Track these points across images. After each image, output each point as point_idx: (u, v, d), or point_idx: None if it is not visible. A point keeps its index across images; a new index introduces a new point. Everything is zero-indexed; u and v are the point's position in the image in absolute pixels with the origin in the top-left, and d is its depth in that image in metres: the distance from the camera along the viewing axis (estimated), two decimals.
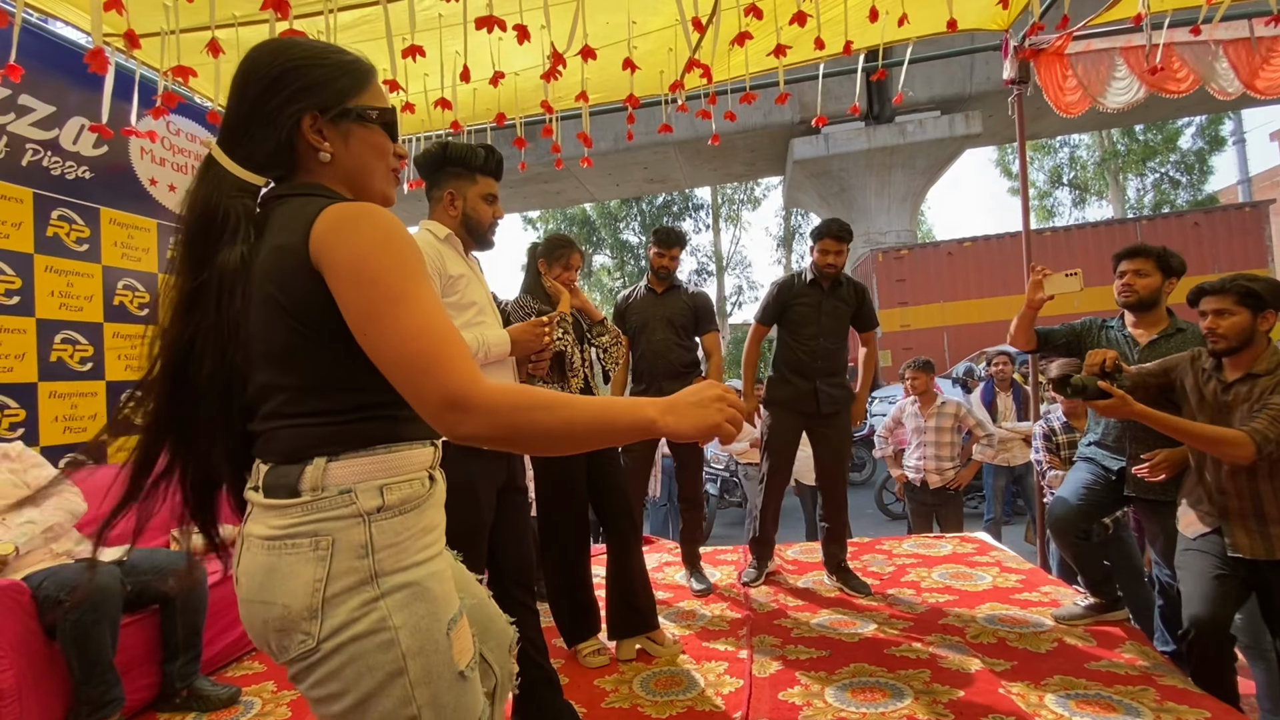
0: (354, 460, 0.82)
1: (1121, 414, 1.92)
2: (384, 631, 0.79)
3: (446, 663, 0.82)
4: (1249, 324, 1.88)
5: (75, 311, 2.79)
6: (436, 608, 0.83)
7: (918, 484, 4.01)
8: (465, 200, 1.76)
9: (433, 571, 0.85)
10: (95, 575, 1.96)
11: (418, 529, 0.85)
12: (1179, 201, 21.11)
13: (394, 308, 0.76)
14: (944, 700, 1.96)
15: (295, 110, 0.84)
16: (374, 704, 0.78)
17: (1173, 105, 12.67)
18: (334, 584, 0.78)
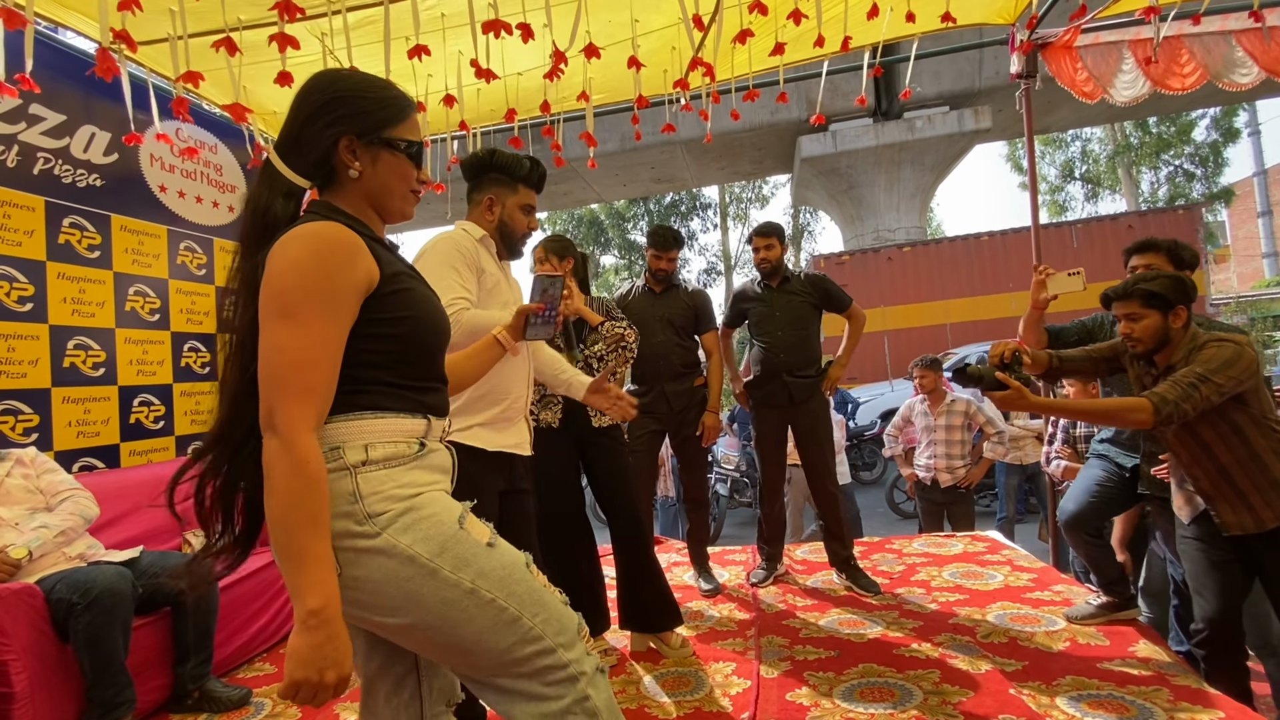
0: (341, 423, 0.95)
1: (1018, 406, 1.89)
2: (396, 554, 0.92)
3: (473, 543, 0.97)
4: (1161, 324, 1.88)
5: (87, 318, 2.83)
6: (438, 515, 0.96)
7: (928, 483, 3.98)
8: (504, 207, 1.81)
9: (426, 500, 0.97)
10: (107, 578, 1.99)
11: (404, 481, 0.96)
12: (1194, 194, 20.83)
13: (276, 321, 0.89)
14: (953, 701, 1.94)
15: (335, 132, 0.98)
16: (426, 601, 0.92)
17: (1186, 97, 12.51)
18: (336, 522, 0.90)
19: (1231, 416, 1.81)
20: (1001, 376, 1.88)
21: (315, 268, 0.90)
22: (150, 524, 2.72)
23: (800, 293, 3.11)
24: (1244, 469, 1.81)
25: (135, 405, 3.01)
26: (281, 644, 2.75)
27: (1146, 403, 1.75)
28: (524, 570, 1.00)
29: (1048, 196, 22.57)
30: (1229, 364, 1.75)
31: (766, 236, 3.12)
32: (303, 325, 0.88)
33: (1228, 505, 1.84)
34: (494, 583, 0.95)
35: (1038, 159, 21.97)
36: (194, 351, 3.32)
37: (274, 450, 0.86)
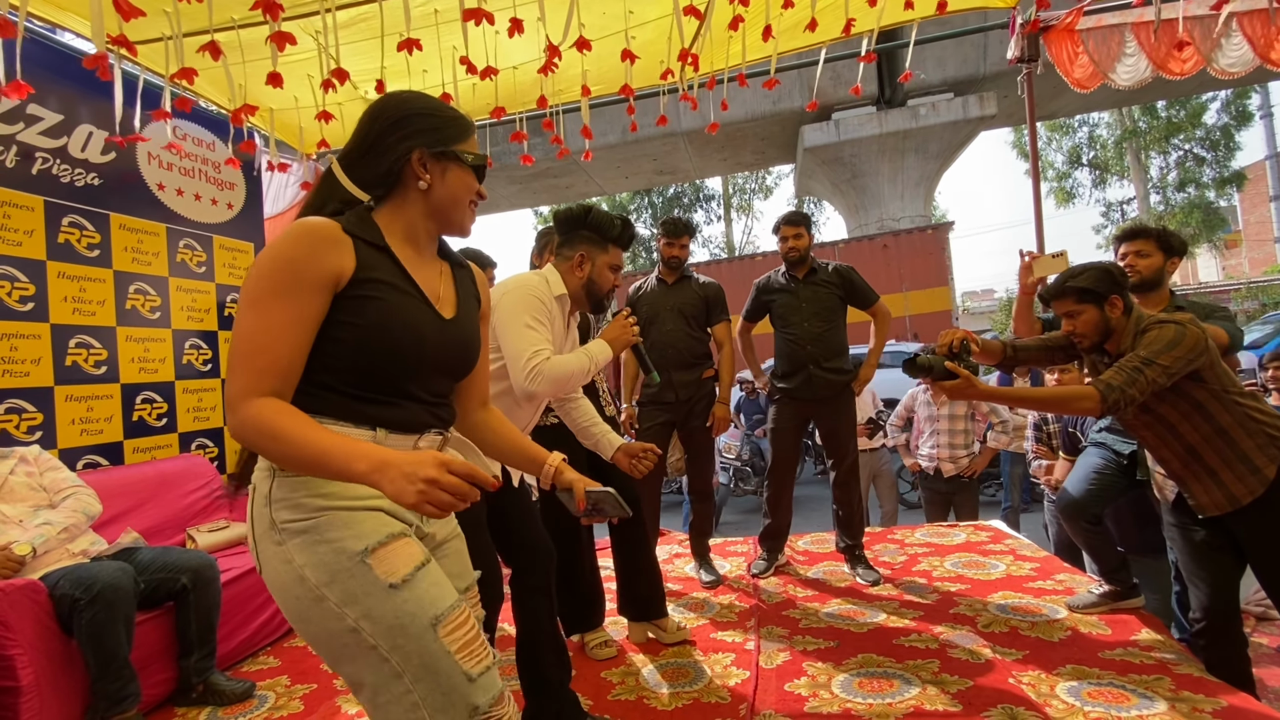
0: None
1: (968, 395, 1.89)
2: (292, 568, 0.92)
3: (370, 583, 0.91)
4: (1099, 316, 1.88)
5: (88, 316, 2.85)
6: (339, 541, 0.93)
7: (931, 473, 3.97)
8: (594, 265, 1.87)
9: (333, 522, 0.94)
10: (109, 574, 2.01)
11: (319, 492, 0.94)
12: (1204, 178, 20.58)
13: (241, 312, 0.93)
14: (953, 690, 1.94)
15: (409, 145, 1.03)
16: (313, 624, 0.93)
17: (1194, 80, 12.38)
18: (256, 524, 0.96)
19: (1191, 394, 1.80)
20: (951, 366, 1.86)
21: (281, 255, 0.93)
22: (154, 520, 2.75)
23: (827, 284, 3.07)
24: (1211, 445, 1.80)
25: (138, 403, 3.04)
26: (284, 638, 2.78)
27: (1093, 390, 1.75)
28: (424, 626, 0.90)
29: (1054, 183, 22.35)
30: (1172, 344, 1.74)
31: (795, 225, 3.07)
32: (261, 312, 0.91)
33: (1200, 485, 1.84)
34: (381, 630, 0.89)
35: (1044, 145, 21.87)
36: (195, 349, 3.34)
37: (233, 427, 0.90)
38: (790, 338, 3.10)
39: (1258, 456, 1.76)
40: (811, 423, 3.28)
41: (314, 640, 0.94)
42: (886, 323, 3.16)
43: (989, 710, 1.82)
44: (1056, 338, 2.12)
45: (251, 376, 0.90)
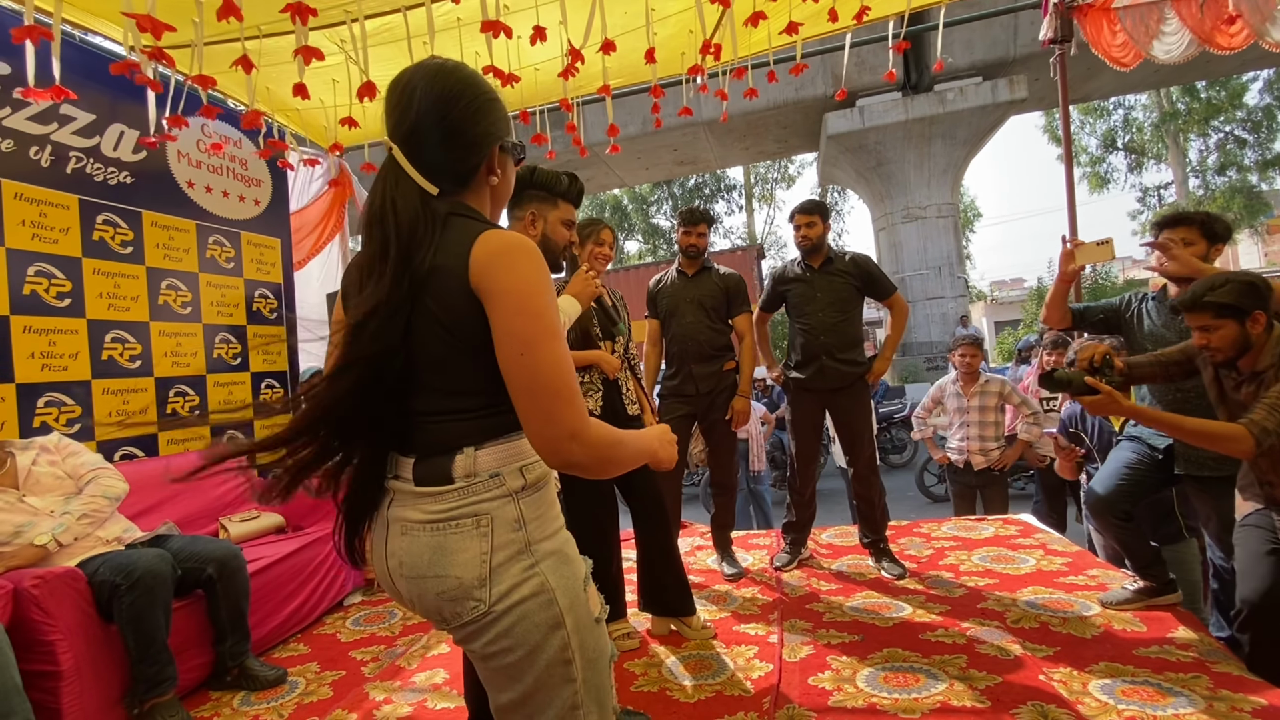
0: (496, 448, 0.93)
1: (1111, 411, 1.84)
2: (545, 592, 0.90)
3: (588, 612, 0.94)
4: (1238, 332, 1.79)
5: (123, 311, 2.92)
6: (576, 568, 0.95)
7: (961, 465, 3.89)
8: (546, 222, 1.86)
9: (567, 537, 0.98)
10: (148, 560, 2.07)
11: (548, 501, 0.97)
12: (1246, 161, 19.80)
13: (550, 342, 0.87)
14: (980, 686, 1.91)
15: (495, 138, 0.98)
16: (541, 653, 0.89)
17: (1237, 59, 11.90)
18: (498, 555, 0.89)
19: None
20: (1092, 381, 1.83)
21: (548, 278, 0.92)
22: (187, 509, 2.82)
23: (843, 274, 3.02)
24: None
25: (171, 395, 3.11)
26: (314, 626, 2.84)
27: (1245, 433, 1.67)
28: (607, 662, 0.95)
29: (1088, 168, 21.69)
30: None
31: (808, 214, 3.04)
32: (563, 339, 0.90)
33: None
34: (584, 662, 0.91)
35: (1077, 129, 21.22)
36: (225, 343, 3.41)
37: (580, 456, 0.87)
38: (804, 328, 3.06)
39: None
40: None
41: (528, 671, 0.89)
42: (904, 316, 3.11)
43: (1018, 708, 1.78)
44: (1171, 353, 2.04)
45: (578, 402, 0.88)
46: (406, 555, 0.91)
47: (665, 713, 1.92)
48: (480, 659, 0.92)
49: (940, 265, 13.90)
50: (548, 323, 0.87)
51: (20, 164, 2.56)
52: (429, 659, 2.44)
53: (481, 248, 0.88)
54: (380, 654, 2.52)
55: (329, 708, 2.13)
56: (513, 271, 0.87)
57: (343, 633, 2.77)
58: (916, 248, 14.00)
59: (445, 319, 0.89)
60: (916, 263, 13.93)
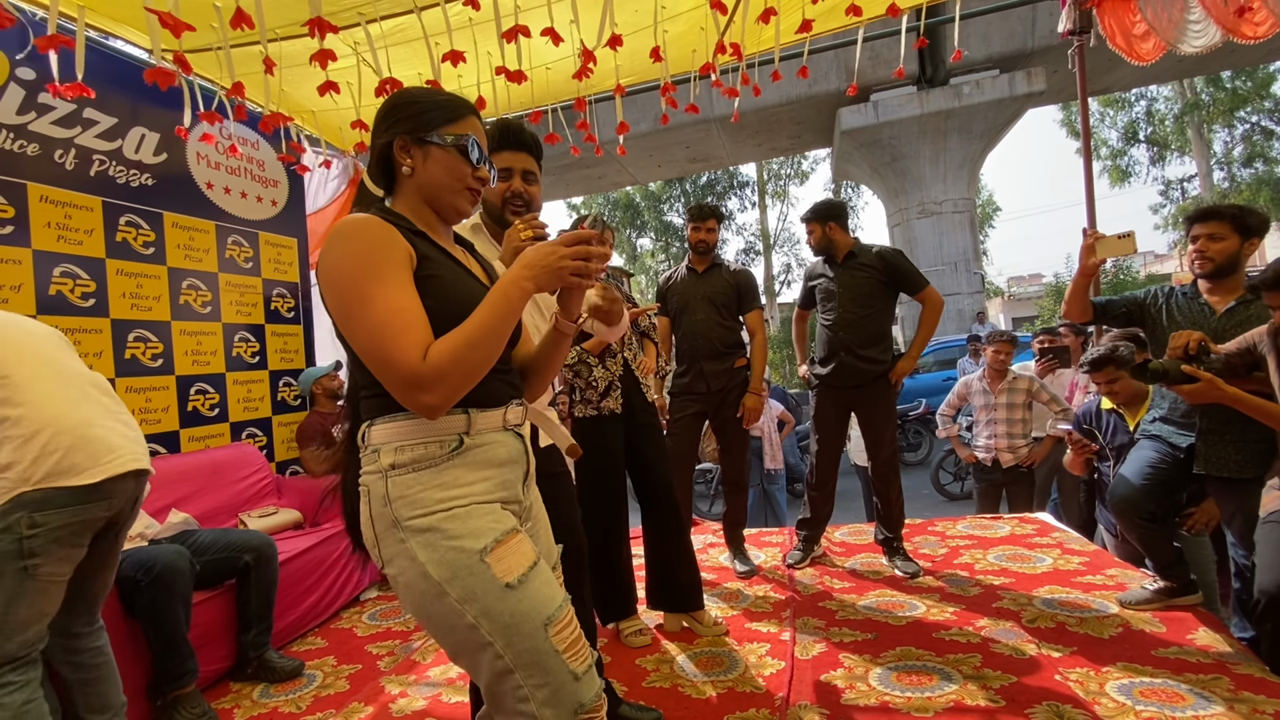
0: (384, 425, 0.99)
1: (1212, 398, 1.78)
2: (415, 566, 0.95)
3: (488, 581, 0.94)
4: None
5: (145, 311, 2.98)
6: (460, 541, 0.95)
7: (989, 464, 3.83)
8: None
9: (453, 513, 0.97)
10: (167, 556, 2.11)
11: (432, 485, 0.97)
12: (1274, 153, 19.34)
13: (359, 309, 0.92)
14: (995, 686, 1.89)
15: (390, 134, 1.06)
16: (435, 619, 0.96)
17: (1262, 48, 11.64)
18: (376, 524, 0.98)
19: None
20: (1189, 369, 1.81)
21: (368, 243, 0.95)
22: (209, 505, 2.88)
23: (866, 268, 2.98)
24: None
25: (192, 393, 3.17)
26: (332, 620, 2.88)
27: None
28: (536, 626, 0.94)
29: (1108, 161, 21.30)
30: None
31: (805, 222, 3.09)
32: (378, 299, 0.92)
33: None
34: (497, 628, 0.93)
35: (1096, 121, 20.84)
36: (244, 342, 3.46)
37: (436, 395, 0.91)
38: (827, 323, 3.05)
39: None
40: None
41: (436, 633, 0.98)
42: (937, 311, 3.01)
43: (1033, 707, 1.77)
44: (1230, 348, 1.99)
45: (412, 349, 0.90)
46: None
47: (677, 709, 1.93)
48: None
49: (956, 261, 13.73)
50: (354, 292, 0.92)
51: (45, 167, 2.62)
52: (443, 654, 2.47)
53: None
54: (396, 648, 2.55)
55: (345, 700, 2.16)
56: (327, 254, 0.96)
57: (359, 627, 2.81)
58: (932, 244, 13.83)
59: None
60: (932, 259, 13.76)
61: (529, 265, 0.97)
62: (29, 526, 1.50)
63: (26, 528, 1.49)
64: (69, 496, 1.55)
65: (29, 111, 2.56)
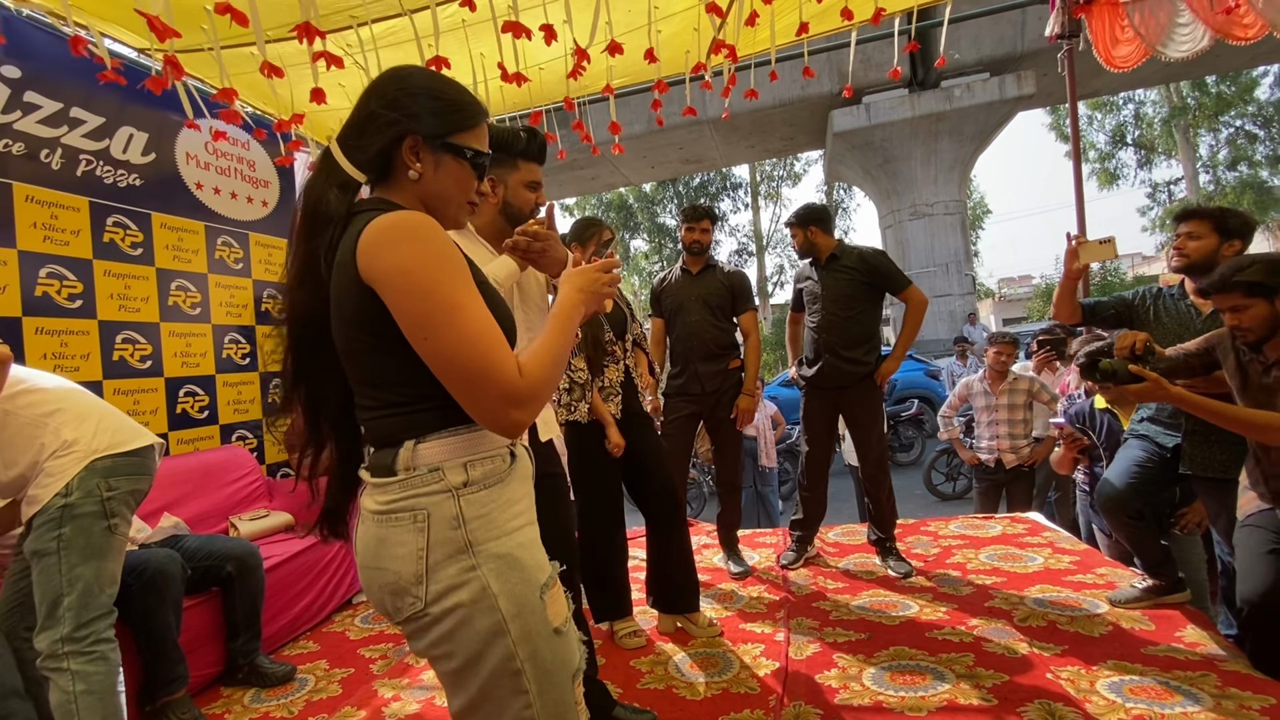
0: (438, 441, 0.90)
1: (1157, 397, 1.82)
2: (485, 598, 0.87)
3: (543, 622, 0.89)
4: (1269, 312, 1.78)
5: (133, 313, 2.95)
6: (529, 574, 0.90)
7: (991, 464, 3.86)
8: (506, 187, 1.66)
9: (522, 541, 0.92)
10: (158, 561, 2.09)
11: (503, 500, 0.92)
12: (1257, 156, 19.59)
13: (449, 317, 0.83)
14: (988, 685, 1.90)
15: (401, 129, 0.94)
16: (483, 661, 0.87)
17: (1247, 53, 11.79)
18: (435, 552, 0.87)
19: None
20: (1135, 369, 1.82)
21: (442, 249, 0.86)
22: (199, 509, 2.85)
23: (849, 269, 3.01)
24: None
25: (181, 396, 3.14)
26: (324, 624, 2.86)
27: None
28: (568, 676, 0.92)
29: (1097, 164, 21.51)
30: None
31: (790, 227, 3.14)
32: (471, 309, 0.85)
33: None
34: (538, 674, 0.88)
35: (1085, 125, 21.04)
36: (234, 343, 3.44)
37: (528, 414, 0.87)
38: (812, 325, 3.08)
39: None
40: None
41: (472, 678, 0.88)
42: (920, 311, 3.04)
43: (1025, 705, 1.78)
44: (1193, 346, 2.02)
45: (500, 368, 0.84)
46: (360, 543, 0.93)
47: (672, 710, 1.93)
48: (430, 661, 0.92)
49: (948, 263, 13.83)
50: (441, 297, 0.83)
51: (31, 167, 2.59)
52: None
53: (367, 235, 0.86)
54: (389, 651, 2.54)
55: (338, 705, 2.15)
56: (394, 252, 0.84)
57: (351, 630, 2.79)
58: (924, 245, 13.93)
59: (348, 317, 0.89)
60: (924, 260, 13.86)
61: (582, 290, 1.01)
62: (107, 490, 1.71)
63: (105, 490, 1.70)
64: (130, 464, 1.79)
65: (14, 110, 2.53)
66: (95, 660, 1.64)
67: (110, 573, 1.72)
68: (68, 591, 1.63)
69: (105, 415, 1.83)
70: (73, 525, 1.65)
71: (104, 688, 1.63)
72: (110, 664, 1.67)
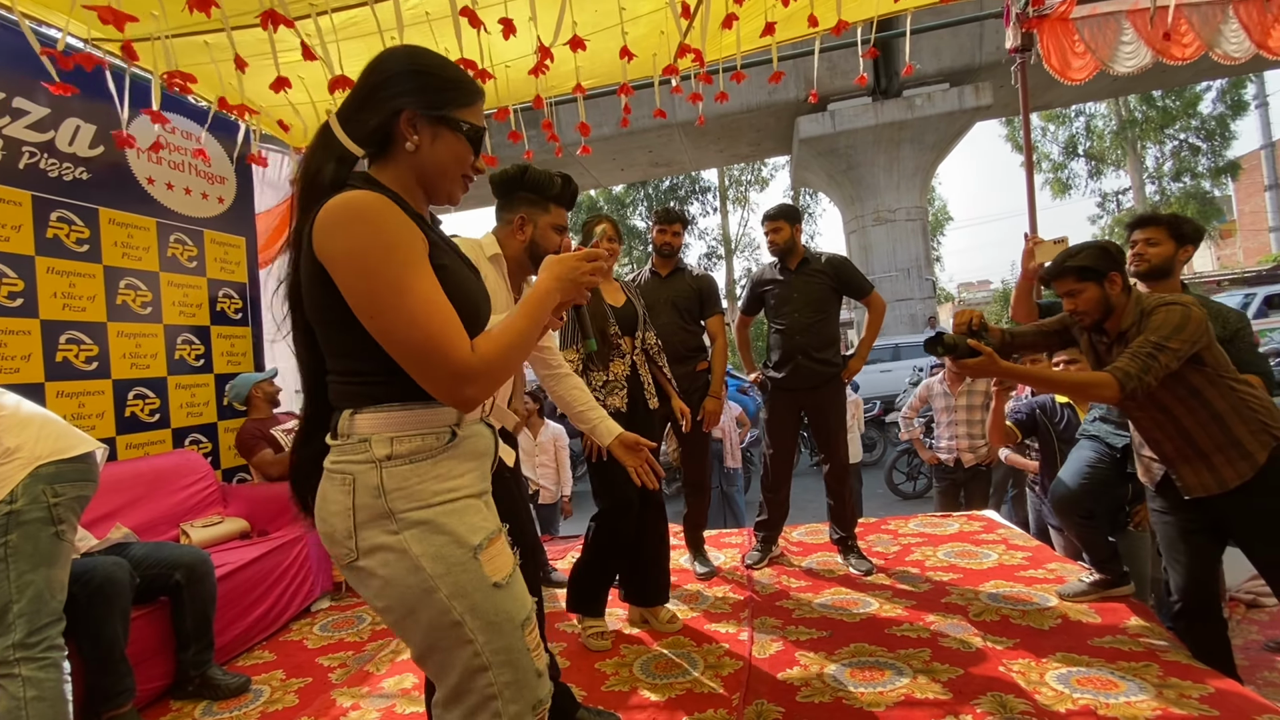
0: (372, 414, 0.95)
1: (990, 372, 1.86)
2: (407, 559, 0.92)
3: (478, 578, 0.95)
4: (1100, 294, 1.89)
5: (78, 312, 2.83)
6: (456, 534, 0.95)
7: (951, 464, 3.96)
8: (535, 226, 1.76)
9: (449, 511, 0.96)
10: (105, 568, 2.01)
11: (430, 475, 0.96)
12: (1200, 168, 20.56)
13: (395, 299, 0.87)
14: (943, 679, 1.96)
15: (401, 102, 0.98)
16: (417, 615, 0.93)
17: (1190, 69, 12.35)
18: (360, 513, 0.94)
19: (1189, 379, 1.81)
20: (973, 344, 1.86)
21: (391, 228, 0.89)
22: (147, 516, 2.75)
23: (819, 274, 3.08)
24: (1206, 430, 1.82)
25: (130, 398, 3.03)
26: (280, 633, 2.78)
27: (1111, 379, 1.76)
28: (515, 625, 0.97)
29: (1050, 174, 22.30)
30: (1180, 328, 1.75)
31: (772, 220, 3.13)
32: (418, 288, 0.88)
33: (1190, 468, 1.86)
34: (481, 625, 0.94)
35: (1039, 136, 21.79)
36: (187, 344, 3.33)
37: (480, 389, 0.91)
38: (781, 328, 3.11)
39: (1250, 442, 1.78)
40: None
41: (410, 629, 0.95)
42: (881, 314, 3.15)
43: (979, 698, 1.83)
44: (1051, 323, 2.12)
45: (460, 339, 0.89)
46: (318, 495, 1.00)
47: (636, 711, 1.93)
48: (376, 611, 0.98)
49: (909, 267, 14.17)
50: (388, 279, 0.87)
51: None
52: (398, 664, 2.41)
53: (321, 215, 0.90)
54: (348, 660, 2.48)
55: (294, 715, 2.09)
56: (343, 233, 0.89)
57: (310, 639, 2.72)
58: (886, 250, 14.25)
59: (308, 288, 0.94)
60: (886, 265, 14.17)
61: (559, 278, 1.03)
62: (53, 495, 1.70)
63: (51, 496, 1.70)
64: (75, 470, 1.77)
65: None
66: (47, 667, 1.63)
67: (59, 579, 1.72)
68: (18, 598, 1.62)
69: (46, 422, 1.81)
70: (20, 532, 1.65)
71: (55, 694, 1.63)
72: (61, 671, 1.67)
